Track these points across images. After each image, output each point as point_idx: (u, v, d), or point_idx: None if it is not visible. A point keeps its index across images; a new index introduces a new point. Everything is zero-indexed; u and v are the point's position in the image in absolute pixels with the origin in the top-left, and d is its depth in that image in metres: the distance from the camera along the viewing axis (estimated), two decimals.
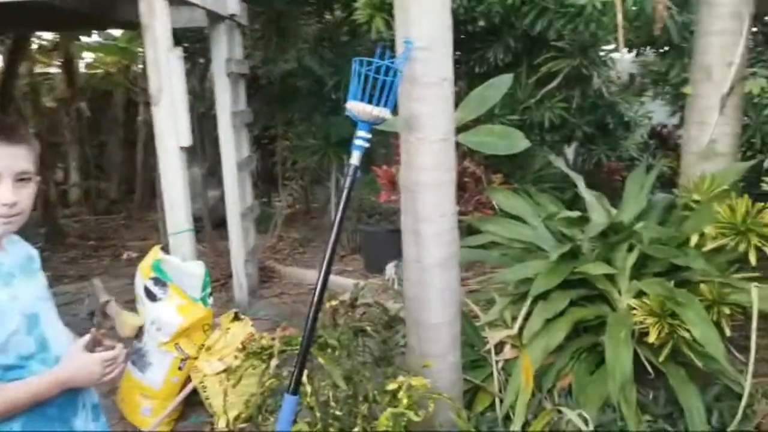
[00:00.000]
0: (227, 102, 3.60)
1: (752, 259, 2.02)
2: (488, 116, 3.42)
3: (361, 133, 1.63)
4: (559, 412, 1.81)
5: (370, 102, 1.60)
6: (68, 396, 1.25)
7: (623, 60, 3.95)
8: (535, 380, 1.93)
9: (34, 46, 5.98)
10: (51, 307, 1.29)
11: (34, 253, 1.30)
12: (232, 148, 3.67)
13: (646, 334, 1.97)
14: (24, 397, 1.15)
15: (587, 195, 2.61)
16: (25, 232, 1.22)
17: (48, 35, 6.16)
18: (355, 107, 1.61)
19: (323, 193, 5.52)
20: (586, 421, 1.76)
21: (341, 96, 4.46)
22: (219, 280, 4.17)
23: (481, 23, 3.42)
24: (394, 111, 1.68)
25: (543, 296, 2.20)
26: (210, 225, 4.72)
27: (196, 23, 3.70)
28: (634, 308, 2.04)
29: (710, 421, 1.96)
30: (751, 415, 2.01)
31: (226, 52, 3.57)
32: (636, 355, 1.99)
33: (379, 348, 2.09)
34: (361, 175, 4.56)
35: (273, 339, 1.93)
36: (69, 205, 6.60)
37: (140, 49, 6.07)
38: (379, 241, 4.32)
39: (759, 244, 2.02)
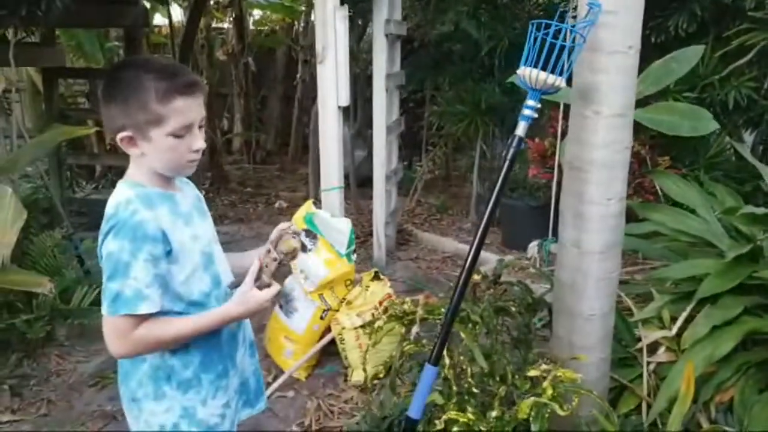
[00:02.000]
0: (383, 63, 3.62)
1: None
2: (661, 92, 3.08)
3: (530, 102, 1.53)
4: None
5: (543, 69, 1.48)
6: (233, 331, 1.34)
7: None
8: None
9: (212, 2, 6.49)
10: (220, 247, 1.36)
11: (200, 194, 1.39)
12: (384, 110, 3.70)
13: None
14: (199, 327, 1.22)
15: None
16: (195, 175, 1.30)
17: None
18: (528, 74, 1.50)
19: (465, 162, 5.42)
20: None
21: (495, 62, 4.28)
22: (359, 238, 4.31)
23: None
24: (568, 81, 1.55)
25: (711, 299, 1.97)
26: (355, 183, 4.88)
27: None
28: None
29: None
30: None
31: (386, 12, 3.57)
32: None
33: (519, 330, 2.01)
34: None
35: (416, 304, 1.93)
36: (232, 153, 7.21)
37: (303, 8, 6.34)
38: (520, 216, 4.16)
39: None
